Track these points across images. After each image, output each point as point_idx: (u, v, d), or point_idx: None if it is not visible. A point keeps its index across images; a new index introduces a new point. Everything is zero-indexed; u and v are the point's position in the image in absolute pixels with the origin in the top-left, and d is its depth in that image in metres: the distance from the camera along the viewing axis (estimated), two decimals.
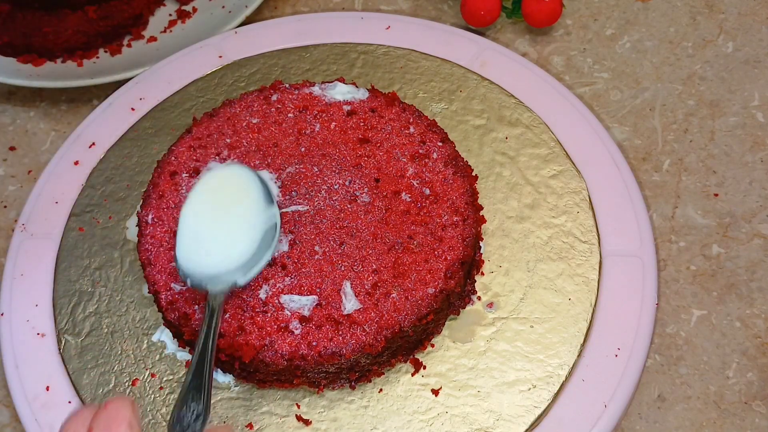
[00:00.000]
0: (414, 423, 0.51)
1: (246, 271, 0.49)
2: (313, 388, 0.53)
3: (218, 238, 0.49)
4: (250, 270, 0.49)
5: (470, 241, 0.54)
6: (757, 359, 0.58)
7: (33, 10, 0.75)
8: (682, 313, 0.60)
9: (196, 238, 0.49)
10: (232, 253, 0.49)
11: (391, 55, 0.69)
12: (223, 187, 0.50)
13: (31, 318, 0.57)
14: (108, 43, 0.76)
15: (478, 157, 0.62)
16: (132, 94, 0.68)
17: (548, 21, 0.74)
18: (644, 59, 0.74)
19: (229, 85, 0.68)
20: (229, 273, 0.48)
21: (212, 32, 0.74)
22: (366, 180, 0.56)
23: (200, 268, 0.48)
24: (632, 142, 0.69)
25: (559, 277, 0.56)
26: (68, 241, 0.60)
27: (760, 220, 0.64)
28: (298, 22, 0.72)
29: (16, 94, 0.76)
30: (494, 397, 0.52)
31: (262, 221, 0.49)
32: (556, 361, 0.53)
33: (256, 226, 0.49)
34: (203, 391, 0.40)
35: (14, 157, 0.72)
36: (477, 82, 0.67)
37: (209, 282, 0.48)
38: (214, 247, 0.49)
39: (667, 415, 0.56)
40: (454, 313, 0.55)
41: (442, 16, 0.79)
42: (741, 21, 0.76)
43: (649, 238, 0.58)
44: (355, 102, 0.60)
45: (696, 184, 0.66)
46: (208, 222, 0.49)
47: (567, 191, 0.60)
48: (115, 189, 0.63)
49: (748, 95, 0.71)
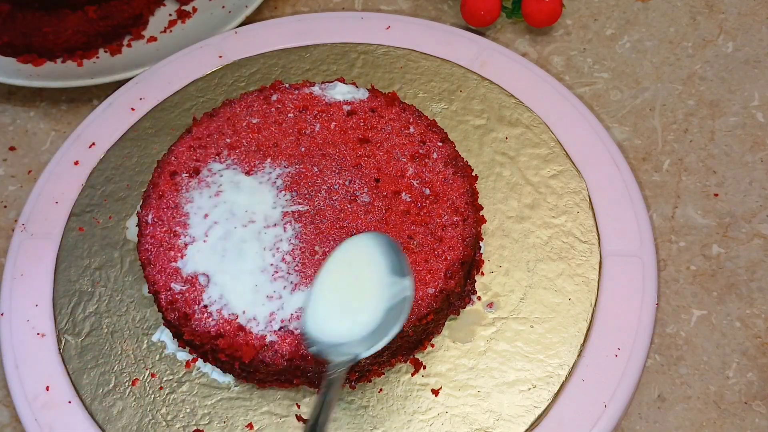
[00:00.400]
0: (414, 423, 0.51)
1: (370, 345, 0.46)
2: (313, 388, 0.53)
3: (347, 309, 0.47)
4: (375, 344, 0.46)
5: (470, 241, 0.54)
6: (757, 359, 0.58)
7: (33, 10, 0.75)
8: (682, 313, 0.60)
9: (325, 306, 0.47)
10: (358, 325, 0.47)
11: (391, 55, 0.69)
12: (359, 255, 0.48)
13: (31, 318, 0.57)
14: (108, 43, 0.76)
15: (478, 157, 0.62)
16: (132, 94, 0.68)
17: (548, 21, 0.74)
18: (644, 59, 0.74)
19: (229, 85, 0.68)
20: (353, 344, 0.46)
21: (212, 32, 0.74)
22: (366, 180, 0.56)
23: (325, 337, 0.47)
24: (632, 142, 0.69)
25: (559, 277, 0.56)
26: (68, 241, 0.60)
27: (760, 220, 0.64)
28: (298, 22, 0.72)
29: (16, 94, 0.76)
30: (494, 397, 0.52)
31: (393, 293, 0.47)
32: (556, 361, 0.53)
33: (385, 298, 0.47)
34: None
35: (14, 157, 0.72)
36: (477, 82, 0.67)
37: (333, 352, 0.46)
38: (341, 318, 0.47)
39: (667, 415, 0.56)
40: (454, 313, 0.55)
41: (442, 16, 0.79)
42: (741, 21, 0.76)
43: (649, 238, 0.58)
44: (355, 102, 0.60)
45: (696, 184, 0.66)
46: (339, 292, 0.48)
47: (567, 191, 0.60)
48: (115, 189, 0.63)
49: (748, 95, 0.71)
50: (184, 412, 0.53)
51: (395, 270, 0.48)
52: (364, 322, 0.47)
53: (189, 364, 0.54)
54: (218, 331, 0.51)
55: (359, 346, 0.46)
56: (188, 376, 0.54)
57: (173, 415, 0.52)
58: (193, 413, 0.53)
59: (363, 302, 0.47)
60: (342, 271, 0.48)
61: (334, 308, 0.47)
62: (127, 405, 0.53)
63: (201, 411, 0.53)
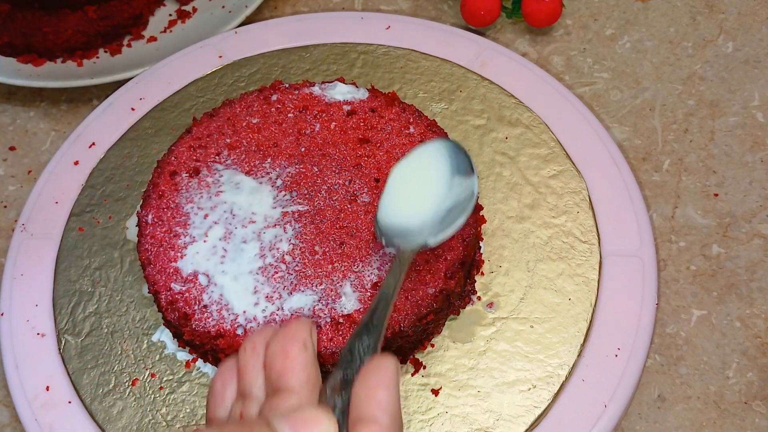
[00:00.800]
0: (414, 423, 0.51)
1: (437, 233, 0.49)
2: None
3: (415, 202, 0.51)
4: (442, 231, 0.49)
5: (470, 241, 0.54)
6: (757, 359, 0.58)
7: (33, 10, 0.75)
8: (682, 313, 0.60)
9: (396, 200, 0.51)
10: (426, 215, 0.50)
11: (391, 55, 0.69)
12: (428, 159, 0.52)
13: (31, 318, 0.57)
14: (108, 43, 0.76)
15: (478, 157, 0.62)
16: (132, 94, 0.68)
17: (548, 21, 0.74)
18: (644, 59, 0.74)
19: (229, 85, 0.68)
20: (421, 233, 0.49)
21: (212, 32, 0.74)
22: (366, 180, 0.56)
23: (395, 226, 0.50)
24: (632, 142, 0.69)
25: (559, 277, 0.56)
26: (68, 241, 0.60)
27: (760, 220, 0.64)
28: (298, 22, 0.72)
29: (16, 94, 0.76)
30: (494, 397, 0.52)
31: (459, 190, 0.51)
32: (556, 361, 0.53)
33: (452, 194, 0.50)
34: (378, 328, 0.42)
35: (14, 157, 0.72)
36: (477, 82, 0.67)
37: (402, 240, 0.49)
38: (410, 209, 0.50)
39: (667, 415, 0.56)
40: (454, 313, 0.55)
41: (442, 16, 0.79)
42: (741, 21, 0.76)
43: (649, 238, 0.58)
44: (355, 102, 0.60)
45: (696, 184, 0.66)
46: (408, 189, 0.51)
47: (567, 191, 0.60)
48: (115, 189, 0.63)
49: (748, 95, 0.71)
50: (184, 412, 0.53)
51: (461, 170, 0.51)
52: (431, 212, 0.50)
53: (189, 364, 0.54)
54: (218, 331, 0.51)
55: (427, 234, 0.49)
56: (188, 376, 0.54)
57: (173, 415, 0.53)
58: (193, 413, 0.53)
59: (430, 196, 0.50)
60: (412, 171, 0.51)
61: (404, 201, 0.51)
62: (127, 405, 0.53)
63: (201, 411, 0.53)
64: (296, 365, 0.38)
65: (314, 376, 0.38)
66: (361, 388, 0.36)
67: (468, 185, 0.50)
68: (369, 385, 0.36)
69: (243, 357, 0.40)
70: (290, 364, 0.38)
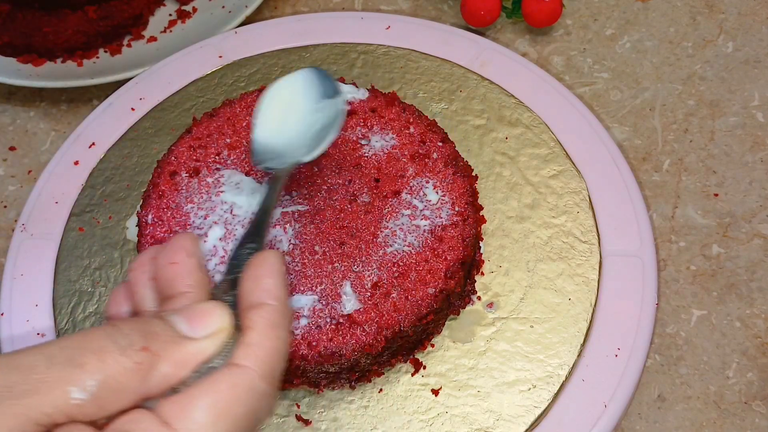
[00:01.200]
0: (414, 423, 0.51)
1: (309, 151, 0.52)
2: (313, 388, 0.53)
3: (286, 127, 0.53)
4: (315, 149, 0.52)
5: (470, 241, 0.54)
6: (757, 359, 0.58)
7: (33, 10, 0.75)
8: (682, 313, 0.60)
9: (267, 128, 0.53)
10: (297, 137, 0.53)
11: (391, 55, 0.69)
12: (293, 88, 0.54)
13: (31, 318, 0.57)
14: (108, 43, 0.76)
15: (478, 157, 0.62)
16: (132, 94, 0.68)
17: (548, 21, 0.74)
18: (644, 59, 0.74)
19: (229, 85, 0.68)
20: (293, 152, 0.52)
21: (212, 32, 0.74)
22: (366, 180, 0.56)
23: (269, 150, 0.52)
24: (632, 142, 0.69)
25: (559, 277, 0.56)
26: (68, 241, 0.60)
27: (760, 220, 0.64)
28: (298, 22, 0.72)
29: (16, 94, 0.76)
30: (494, 397, 0.52)
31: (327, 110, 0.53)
32: (556, 361, 0.53)
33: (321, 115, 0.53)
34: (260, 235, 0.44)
35: (14, 157, 0.72)
36: (477, 82, 0.67)
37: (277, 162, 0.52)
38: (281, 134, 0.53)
39: (667, 415, 0.56)
40: (454, 313, 0.55)
41: (442, 16, 0.79)
42: (741, 21, 0.76)
43: (649, 238, 0.58)
44: (355, 102, 0.60)
45: (696, 184, 0.66)
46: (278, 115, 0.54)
47: (567, 191, 0.60)
48: (115, 189, 0.63)
49: (748, 95, 0.71)
50: None
51: (328, 94, 0.54)
52: (301, 133, 0.53)
53: None
54: None
55: (299, 153, 0.52)
56: None
57: None
58: None
59: (300, 119, 0.53)
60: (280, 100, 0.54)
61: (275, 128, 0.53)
62: None
63: None
64: (183, 271, 0.38)
65: (203, 279, 0.39)
66: (247, 280, 0.38)
67: (333, 106, 0.53)
68: (255, 276, 0.38)
69: (132, 276, 0.40)
70: (178, 270, 0.38)
